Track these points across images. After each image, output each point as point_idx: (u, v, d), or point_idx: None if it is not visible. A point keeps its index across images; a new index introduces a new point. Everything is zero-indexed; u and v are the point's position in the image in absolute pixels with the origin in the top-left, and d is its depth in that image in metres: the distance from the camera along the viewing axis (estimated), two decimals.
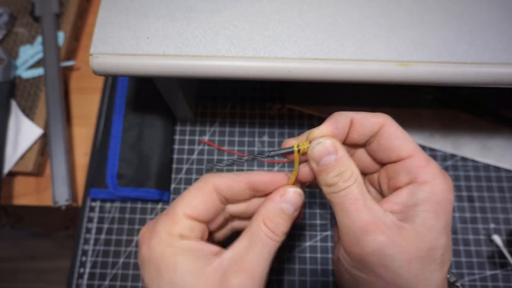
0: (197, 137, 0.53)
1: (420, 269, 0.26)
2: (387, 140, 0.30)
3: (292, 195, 0.31)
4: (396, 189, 0.30)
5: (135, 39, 0.34)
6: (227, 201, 0.32)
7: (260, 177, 0.32)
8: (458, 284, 0.31)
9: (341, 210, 0.29)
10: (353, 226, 0.28)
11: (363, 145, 0.32)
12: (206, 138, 0.53)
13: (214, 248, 0.30)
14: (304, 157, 0.31)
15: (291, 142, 0.32)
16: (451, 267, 0.32)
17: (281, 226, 0.30)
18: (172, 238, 0.28)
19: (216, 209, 0.31)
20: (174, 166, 0.52)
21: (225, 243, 0.34)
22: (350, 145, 0.32)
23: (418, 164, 0.29)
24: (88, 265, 0.48)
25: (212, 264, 0.28)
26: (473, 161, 0.51)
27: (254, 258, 0.29)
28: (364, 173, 0.35)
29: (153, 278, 0.28)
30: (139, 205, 0.50)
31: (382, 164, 0.32)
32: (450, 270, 0.30)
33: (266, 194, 0.32)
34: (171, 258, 0.28)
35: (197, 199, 0.30)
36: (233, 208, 0.34)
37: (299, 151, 0.31)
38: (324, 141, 0.29)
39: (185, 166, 0.52)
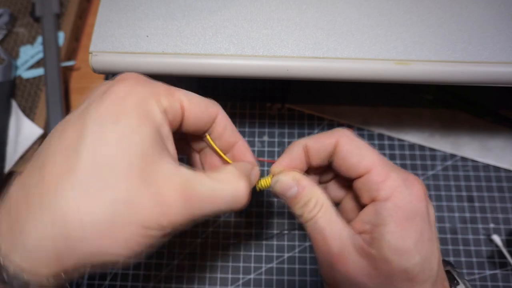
0: None
1: None
2: (343, 159, 0.29)
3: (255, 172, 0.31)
4: (364, 206, 0.29)
5: (134, 37, 0.34)
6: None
7: (223, 120, 0.31)
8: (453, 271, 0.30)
9: (311, 240, 0.29)
10: (322, 256, 0.28)
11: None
12: None
13: (175, 154, 0.26)
14: None
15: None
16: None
17: (249, 183, 0.28)
18: (155, 104, 0.25)
19: (197, 127, 0.29)
20: None
21: None
22: (321, 168, 0.32)
23: (377, 179, 0.27)
24: None
25: (166, 160, 0.24)
26: (473, 161, 0.51)
27: (206, 198, 0.25)
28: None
29: (103, 119, 0.23)
30: None
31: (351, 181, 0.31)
32: (445, 259, 0.30)
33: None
34: (139, 117, 0.23)
35: (197, 105, 0.28)
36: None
37: (261, 190, 0.32)
38: (281, 178, 0.30)
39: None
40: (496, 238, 0.46)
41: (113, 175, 0.22)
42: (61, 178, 0.22)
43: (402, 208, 0.26)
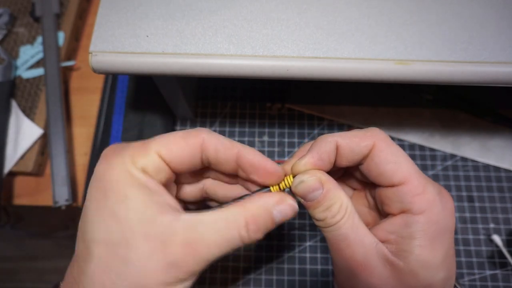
0: None
1: None
2: (377, 166, 0.27)
3: (289, 208, 0.28)
4: (388, 214, 0.28)
5: (134, 37, 0.34)
6: (208, 164, 0.28)
7: (253, 158, 0.28)
8: None
9: (332, 246, 0.27)
10: (343, 264, 0.27)
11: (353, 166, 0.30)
12: None
13: (174, 202, 0.26)
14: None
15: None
16: None
17: (260, 233, 0.26)
18: (133, 167, 0.25)
19: (192, 164, 0.27)
20: None
21: None
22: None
23: (413, 192, 0.26)
24: None
25: (165, 214, 0.25)
26: (473, 161, 0.51)
27: (212, 242, 0.25)
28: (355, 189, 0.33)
29: (96, 199, 0.25)
30: None
31: (375, 185, 0.29)
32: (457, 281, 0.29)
33: (250, 179, 0.29)
34: (124, 187, 0.24)
35: (177, 145, 0.26)
36: (210, 185, 0.32)
37: (283, 189, 0.29)
38: (307, 179, 0.27)
39: None
40: (496, 238, 0.46)
41: (121, 250, 0.24)
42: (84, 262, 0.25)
43: (436, 223, 0.25)
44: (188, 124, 0.54)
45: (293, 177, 0.28)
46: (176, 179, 0.29)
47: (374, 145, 0.27)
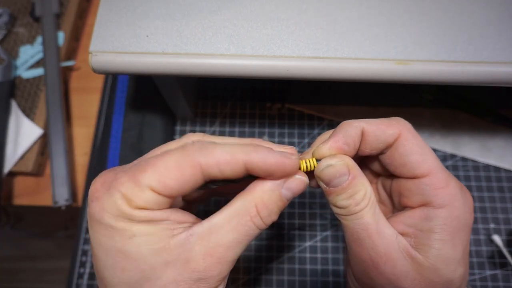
0: None
1: None
2: (401, 156, 0.26)
3: (298, 183, 0.26)
4: (406, 207, 0.27)
5: (134, 37, 0.34)
6: (213, 179, 0.26)
7: (265, 160, 0.24)
8: None
9: (352, 235, 0.26)
10: (363, 254, 0.26)
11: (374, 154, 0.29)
12: None
13: (185, 216, 0.25)
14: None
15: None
16: None
17: (274, 215, 0.26)
18: (129, 209, 0.23)
19: (193, 187, 0.25)
20: None
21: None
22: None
23: (436, 185, 0.25)
24: (88, 265, 0.48)
25: (177, 236, 0.24)
26: (473, 161, 0.51)
27: (230, 242, 0.24)
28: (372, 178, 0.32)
29: (102, 244, 0.24)
30: None
31: (394, 175, 0.28)
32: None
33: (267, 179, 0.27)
34: (126, 227, 0.23)
35: (173, 180, 0.23)
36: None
37: (305, 171, 0.27)
38: (335, 163, 0.25)
39: None
40: (497, 238, 0.46)
41: (145, 285, 0.23)
42: None
43: (457, 218, 0.25)
44: (188, 125, 0.54)
45: (317, 161, 0.27)
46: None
47: (400, 134, 0.26)
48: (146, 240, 0.23)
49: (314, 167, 0.27)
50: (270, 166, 0.24)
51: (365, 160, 0.31)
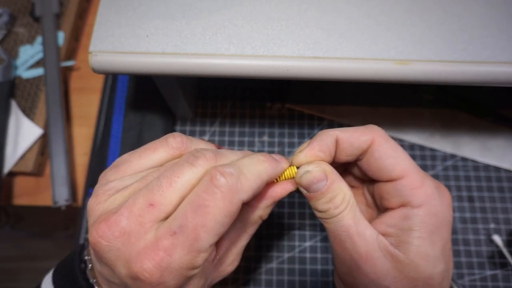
0: (197, 137, 0.53)
1: None
2: (377, 160, 0.28)
3: (286, 193, 0.29)
4: (387, 209, 0.28)
5: (134, 37, 0.34)
6: None
7: (277, 172, 0.28)
8: None
9: (334, 237, 0.27)
10: (345, 255, 0.27)
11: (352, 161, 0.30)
12: (206, 138, 0.53)
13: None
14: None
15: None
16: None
17: (268, 210, 0.29)
18: (195, 271, 0.24)
19: None
20: None
21: None
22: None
23: (411, 186, 0.27)
24: None
25: (212, 265, 0.27)
26: (473, 161, 0.51)
27: (243, 244, 0.29)
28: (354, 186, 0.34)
29: None
30: None
31: (373, 179, 0.30)
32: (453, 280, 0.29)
33: None
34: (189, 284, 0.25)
35: (224, 226, 0.24)
36: None
37: (282, 177, 0.29)
38: (312, 169, 0.27)
39: None
40: (497, 238, 0.46)
41: None
42: None
43: (435, 215, 0.26)
44: (188, 125, 0.54)
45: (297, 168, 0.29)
46: None
47: (373, 141, 0.28)
48: (197, 283, 0.26)
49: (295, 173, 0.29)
50: (277, 175, 0.28)
51: (348, 168, 0.33)
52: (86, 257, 0.28)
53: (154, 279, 0.23)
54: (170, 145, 0.28)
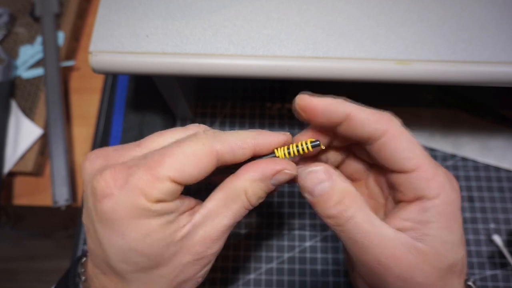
0: None
1: (443, 286, 0.25)
2: (391, 153, 0.27)
3: (284, 176, 0.27)
4: (400, 201, 0.28)
5: (134, 37, 0.34)
6: (225, 164, 0.28)
7: (270, 140, 0.28)
8: (469, 283, 0.29)
9: (351, 244, 0.26)
10: (368, 258, 0.26)
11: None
12: None
13: (188, 203, 0.27)
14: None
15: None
16: None
17: (261, 198, 0.28)
18: (147, 202, 0.24)
19: (209, 173, 0.26)
20: None
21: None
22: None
23: (426, 178, 0.26)
24: None
25: (183, 229, 0.25)
26: (473, 161, 0.51)
27: (224, 226, 0.27)
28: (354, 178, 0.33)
29: (113, 241, 0.25)
30: None
31: (383, 168, 0.29)
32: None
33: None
34: (141, 225, 0.24)
35: (192, 167, 0.24)
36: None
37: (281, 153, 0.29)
38: (315, 169, 0.27)
39: None
40: (497, 239, 0.46)
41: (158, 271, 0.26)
42: None
43: (450, 203, 0.26)
44: (188, 124, 0.54)
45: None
46: None
47: (387, 131, 0.27)
48: (158, 237, 0.25)
49: (297, 150, 0.29)
50: (273, 144, 0.28)
51: (355, 151, 0.32)
52: (80, 270, 0.29)
53: (107, 190, 0.24)
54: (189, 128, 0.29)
